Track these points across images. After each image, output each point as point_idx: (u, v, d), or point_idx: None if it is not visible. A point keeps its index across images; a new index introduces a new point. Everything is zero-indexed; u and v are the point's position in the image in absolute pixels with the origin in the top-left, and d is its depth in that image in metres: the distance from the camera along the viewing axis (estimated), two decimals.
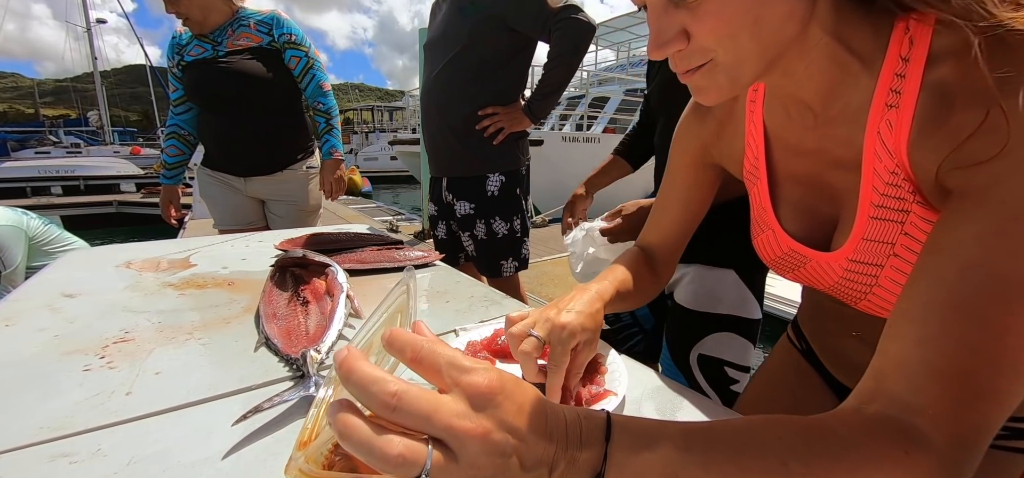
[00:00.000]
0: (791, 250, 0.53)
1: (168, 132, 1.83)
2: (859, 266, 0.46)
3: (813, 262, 0.51)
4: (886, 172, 0.41)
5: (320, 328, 0.69)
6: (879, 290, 0.46)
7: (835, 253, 0.48)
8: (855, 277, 0.47)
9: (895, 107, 0.39)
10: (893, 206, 0.42)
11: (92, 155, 15.57)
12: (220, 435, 0.46)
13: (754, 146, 0.56)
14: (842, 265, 0.48)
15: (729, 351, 0.94)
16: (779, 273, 0.59)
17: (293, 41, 1.71)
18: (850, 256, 0.47)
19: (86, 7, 26.33)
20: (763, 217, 0.56)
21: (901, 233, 0.42)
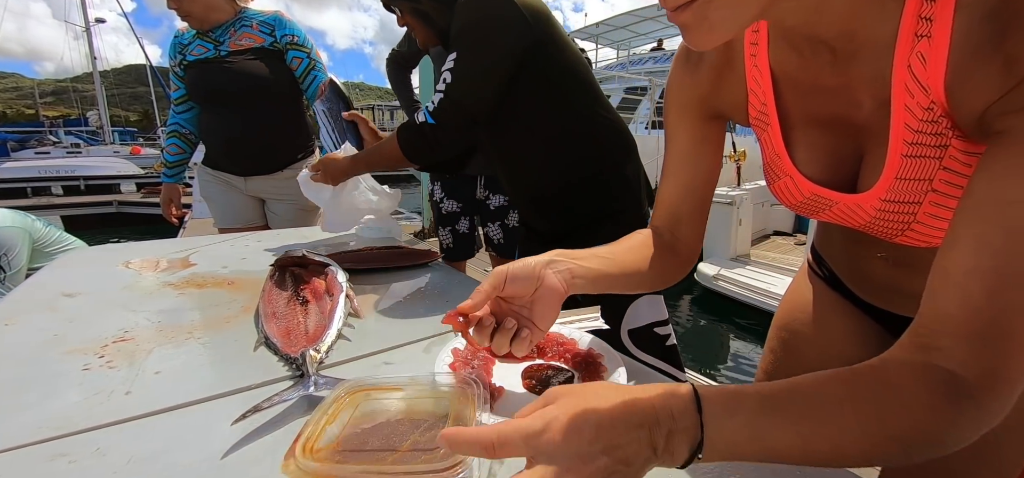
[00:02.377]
0: (813, 195, 0.50)
1: (169, 131, 1.83)
2: (894, 206, 0.43)
3: (841, 205, 0.48)
4: (920, 109, 0.38)
5: (320, 328, 0.69)
6: (917, 226, 0.43)
7: (865, 194, 0.45)
8: (890, 216, 0.44)
9: (927, 37, 0.35)
10: (929, 142, 0.39)
11: (92, 155, 15.56)
12: (220, 435, 0.46)
13: (760, 92, 0.51)
14: (874, 206, 0.45)
15: (649, 313, 0.97)
16: (805, 215, 0.55)
17: (295, 42, 1.72)
18: (883, 196, 0.43)
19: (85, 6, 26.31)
20: (778, 164, 0.51)
21: (940, 168, 0.39)
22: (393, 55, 2.10)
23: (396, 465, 0.38)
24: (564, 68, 0.97)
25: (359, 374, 0.51)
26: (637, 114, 9.98)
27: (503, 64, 0.91)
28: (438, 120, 0.94)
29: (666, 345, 1.01)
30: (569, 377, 0.57)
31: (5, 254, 1.99)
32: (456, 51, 0.91)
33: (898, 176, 0.42)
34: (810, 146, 0.49)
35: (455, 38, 0.92)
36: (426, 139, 0.97)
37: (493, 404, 0.51)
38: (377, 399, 0.47)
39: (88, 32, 25.16)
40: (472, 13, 0.90)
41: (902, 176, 0.41)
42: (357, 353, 0.65)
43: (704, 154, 0.61)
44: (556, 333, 0.66)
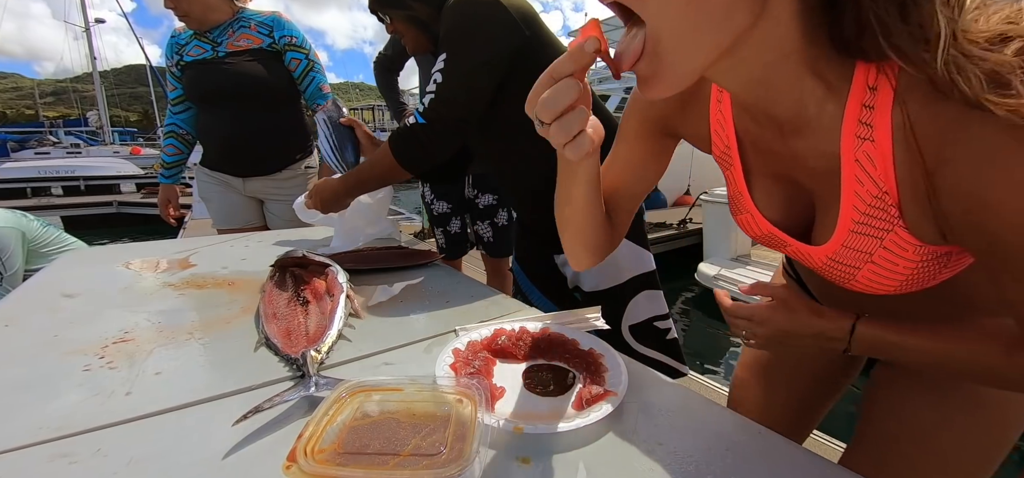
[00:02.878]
0: (770, 233, 0.54)
1: (166, 131, 1.83)
2: (837, 265, 0.48)
3: (793, 247, 0.52)
4: (869, 196, 0.41)
5: (320, 328, 0.69)
6: (861, 278, 0.47)
7: (814, 248, 0.49)
8: (837, 268, 0.49)
9: (870, 141, 0.39)
10: (875, 225, 0.42)
11: (92, 155, 15.56)
12: (220, 435, 0.46)
13: (724, 136, 0.54)
14: (821, 260, 0.49)
15: (650, 308, 0.99)
16: (765, 247, 0.61)
17: (294, 43, 1.71)
18: (829, 255, 0.47)
19: (85, 6, 26.31)
20: (740, 201, 0.55)
21: (880, 247, 0.43)
22: (380, 58, 2.13)
23: (398, 470, 0.38)
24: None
25: (359, 374, 0.51)
26: None
27: (492, 64, 0.91)
28: (429, 120, 0.93)
29: (667, 339, 1.02)
30: (570, 377, 0.57)
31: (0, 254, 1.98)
32: (445, 52, 0.91)
33: (844, 244, 0.46)
34: (768, 193, 0.53)
35: (444, 40, 0.92)
36: (419, 141, 0.96)
37: (493, 405, 0.51)
38: (377, 400, 0.47)
39: (88, 32, 25.16)
40: (460, 15, 0.90)
41: (848, 245, 0.45)
42: (357, 353, 0.65)
43: (652, 166, 0.65)
44: (556, 333, 0.66)
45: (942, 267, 0.45)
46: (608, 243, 0.67)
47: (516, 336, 0.64)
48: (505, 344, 0.63)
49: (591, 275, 1.00)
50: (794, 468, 0.44)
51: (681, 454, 0.45)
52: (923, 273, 0.44)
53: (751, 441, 0.48)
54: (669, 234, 5.77)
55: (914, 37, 0.33)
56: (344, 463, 0.38)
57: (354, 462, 0.39)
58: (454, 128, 0.95)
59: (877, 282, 0.46)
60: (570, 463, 0.44)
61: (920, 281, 0.45)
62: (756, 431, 0.49)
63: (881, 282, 0.46)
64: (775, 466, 0.44)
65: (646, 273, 0.99)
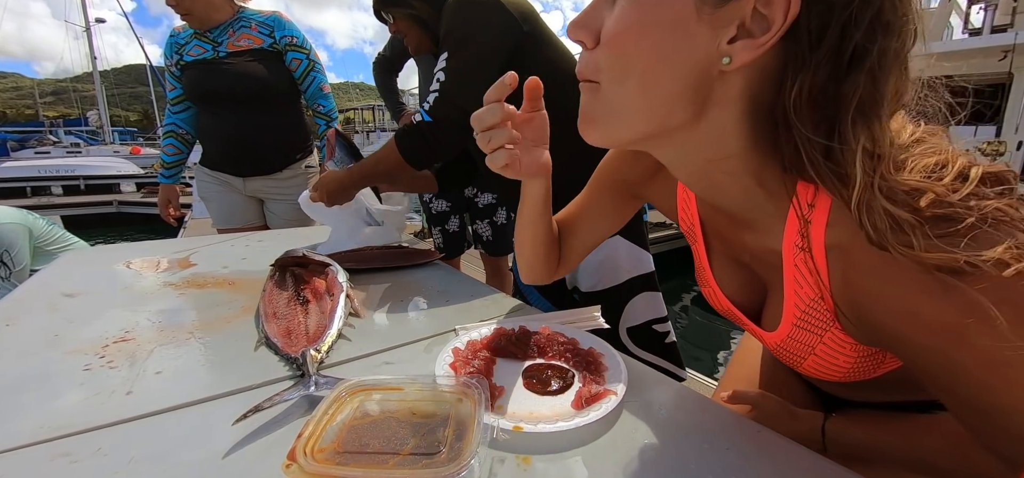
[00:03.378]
0: (729, 310, 0.56)
1: (165, 131, 1.82)
2: (787, 352, 0.50)
3: (750, 328, 0.55)
4: (807, 298, 0.44)
5: (320, 327, 0.69)
6: (808, 366, 0.49)
7: (765, 333, 0.51)
8: (786, 355, 0.51)
9: (806, 251, 0.41)
10: (814, 323, 0.45)
11: (92, 155, 15.56)
12: (220, 435, 0.46)
13: (689, 214, 0.58)
14: (772, 344, 0.51)
15: (648, 310, 0.99)
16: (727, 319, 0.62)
17: (294, 43, 1.72)
18: (778, 343, 0.50)
19: (85, 6, 26.31)
20: (703, 274, 0.59)
21: (820, 342, 0.46)
22: (379, 59, 2.15)
23: (397, 469, 0.38)
24: (555, 66, 0.97)
25: (359, 374, 0.51)
26: None
27: (493, 60, 0.92)
28: (435, 118, 0.94)
29: (665, 342, 1.01)
30: (569, 376, 0.57)
31: (7, 251, 1.99)
32: (446, 52, 0.92)
33: (789, 336, 0.48)
34: (728, 272, 0.56)
35: (445, 39, 0.93)
36: (425, 138, 0.96)
37: (493, 404, 0.51)
38: (377, 399, 0.47)
39: (88, 32, 25.16)
40: (459, 15, 0.92)
41: (793, 337, 0.48)
42: (357, 353, 0.65)
43: (610, 218, 0.69)
44: (556, 333, 0.66)
45: (880, 363, 0.47)
46: (549, 268, 0.71)
47: (516, 335, 0.64)
48: (505, 343, 0.63)
49: (589, 275, 1.00)
50: (794, 467, 0.44)
51: (681, 453, 0.46)
52: (863, 366, 0.47)
53: (751, 441, 0.48)
54: (669, 234, 5.76)
55: (837, 175, 0.35)
56: (344, 462, 0.38)
57: (354, 461, 0.39)
58: (458, 125, 0.95)
59: (824, 370, 0.49)
60: (570, 463, 0.44)
61: (862, 373, 0.48)
62: (756, 430, 0.49)
63: (827, 371, 0.48)
64: (775, 465, 0.44)
65: (645, 274, 0.99)
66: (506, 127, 0.52)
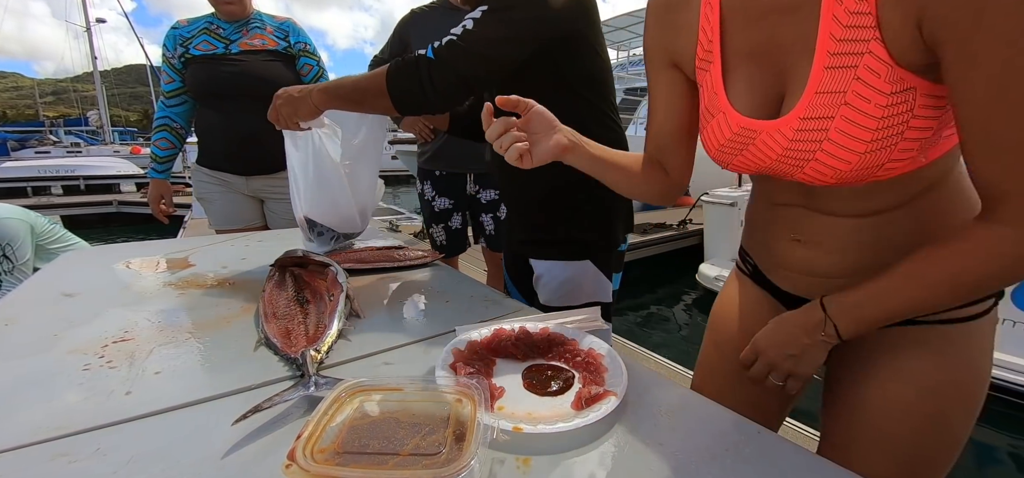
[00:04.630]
0: (741, 129, 0.56)
1: (158, 124, 1.80)
2: (810, 123, 0.49)
3: (762, 135, 0.54)
4: (846, 13, 0.45)
5: (320, 328, 0.69)
6: (828, 146, 0.49)
7: (786, 117, 0.51)
8: (803, 139, 0.50)
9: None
10: (850, 50, 0.46)
11: (92, 155, 15.55)
12: (220, 435, 0.46)
13: (709, 28, 0.59)
14: (793, 127, 0.51)
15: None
16: (722, 161, 0.62)
17: (307, 50, 1.79)
18: (802, 114, 0.50)
19: (85, 6, 26.30)
20: (714, 102, 0.59)
21: (854, 78, 0.46)
22: (375, 61, 2.18)
23: (397, 470, 0.38)
24: (593, 68, 0.91)
25: (359, 374, 0.51)
26: (637, 114, 9.98)
27: (535, 34, 0.82)
28: (439, 58, 0.81)
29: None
30: (569, 377, 0.57)
31: (9, 244, 1.99)
32: (489, 3, 0.81)
33: (818, 90, 0.48)
34: (745, 80, 0.56)
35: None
36: (420, 74, 0.82)
37: (493, 404, 0.51)
38: (377, 399, 0.47)
39: (88, 32, 25.15)
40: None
41: (821, 89, 0.48)
42: (357, 353, 0.65)
43: (672, 96, 0.69)
44: (556, 333, 0.66)
45: (906, 125, 0.46)
46: (659, 190, 0.74)
47: (516, 336, 0.64)
48: (505, 344, 0.63)
49: (551, 289, 0.98)
50: (793, 468, 0.44)
51: (681, 454, 0.46)
52: (889, 130, 0.46)
53: (751, 441, 0.48)
54: (669, 234, 5.77)
55: None
56: (343, 462, 0.38)
57: (353, 462, 0.39)
58: (459, 82, 0.83)
59: (829, 167, 0.50)
60: (569, 463, 0.44)
61: (885, 145, 0.47)
62: (756, 431, 0.49)
63: (846, 147, 0.48)
64: (775, 466, 0.44)
65: (604, 304, 0.96)
66: (511, 131, 0.63)
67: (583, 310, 0.75)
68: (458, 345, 0.63)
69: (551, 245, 0.97)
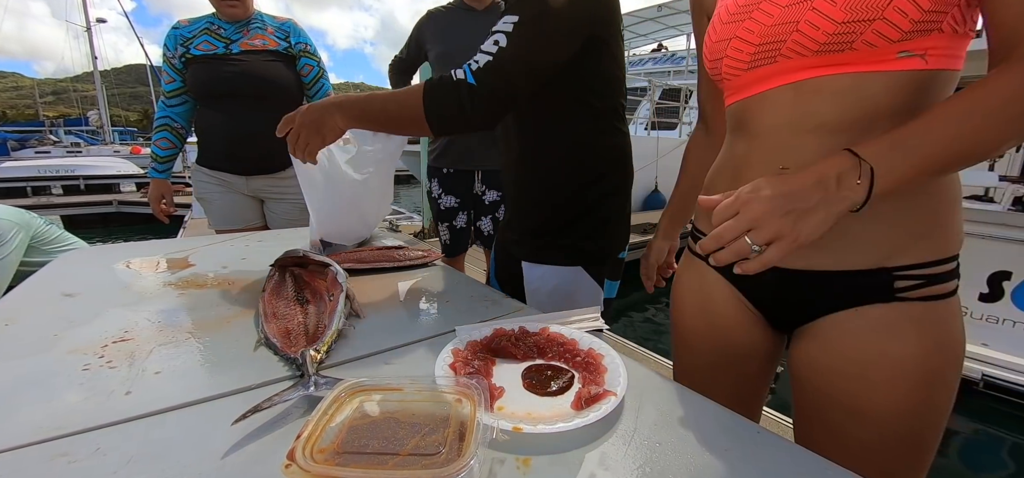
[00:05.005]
0: (747, 1, 0.59)
1: (159, 124, 1.80)
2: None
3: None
4: None
5: (319, 328, 0.69)
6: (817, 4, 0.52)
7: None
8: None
9: None
10: None
11: (92, 155, 15.54)
12: (219, 435, 0.46)
13: None
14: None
15: None
16: (724, 47, 0.63)
17: (308, 50, 1.79)
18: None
19: (86, 6, 26.28)
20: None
21: None
22: (395, 62, 2.18)
23: (397, 470, 0.38)
24: (608, 74, 0.90)
25: (359, 374, 0.51)
26: (637, 114, 9.97)
27: (570, 42, 0.81)
28: (480, 82, 0.77)
29: None
30: (569, 377, 0.57)
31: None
32: (519, 14, 0.78)
33: None
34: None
35: (519, 2, 0.79)
36: (461, 100, 0.77)
37: (493, 404, 0.51)
38: (377, 399, 0.47)
39: (89, 32, 25.14)
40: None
41: None
42: (357, 353, 0.65)
43: None
44: (556, 333, 0.66)
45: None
46: (712, 149, 0.78)
47: (516, 336, 0.64)
48: (505, 344, 0.63)
49: (542, 296, 0.96)
50: (793, 467, 0.44)
51: (681, 454, 0.46)
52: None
53: (751, 441, 0.48)
54: None
55: None
56: (343, 463, 0.38)
57: (353, 462, 0.39)
58: (503, 101, 0.80)
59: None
60: (569, 463, 0.44)
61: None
62: (756, 431, 0.49)
63: None
64: (774, 466, 0.44)
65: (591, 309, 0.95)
66: None
67: (583, 310, 0.75)
68: (458, 345, 0.63)
69: (545, 249, 0.96)
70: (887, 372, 0.55)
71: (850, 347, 0.58)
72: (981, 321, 2.87)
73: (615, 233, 0.98)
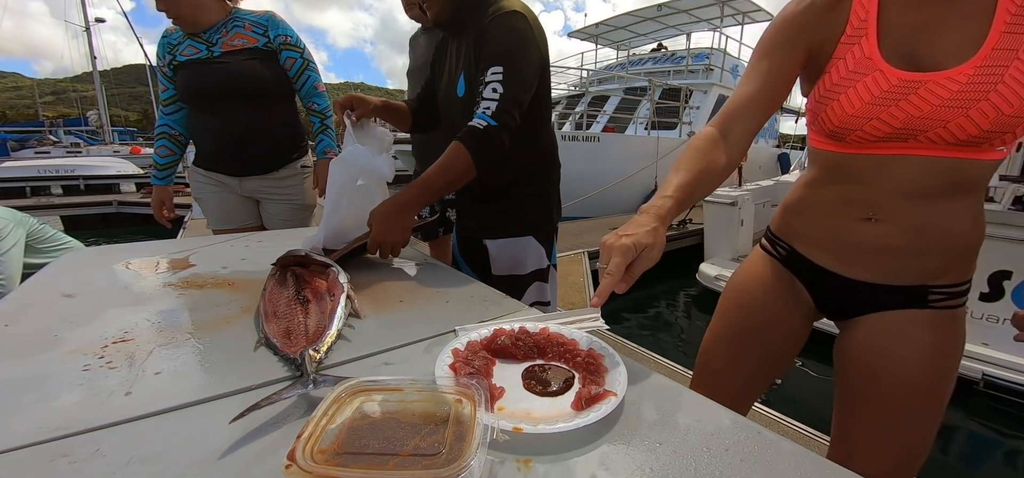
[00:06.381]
0: (900, 82, 0.65)
1: (158, 132, 1.81)
2: (983, 72, 0.60)
3: (927, 85, 0.63)
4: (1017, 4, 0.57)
5: (319, 328, 0.69)
6: (1001, 88, 0.59)
7: (961, 67, 0.61)
8: (976, 83, 0.60)
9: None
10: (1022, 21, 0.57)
11: (92, 155, 15.53)
12: (219, 435, 0.46)
13: (862, 10, 0.68)
14: (967, 74, 0.61)
15: (538, 294, 1.24)
16: (865, 115, 0.68)
17: (288, 42, 1.71)
18: (979, 63, 0.60)
19: (85, 5, 26.23)
20: (864, 65, 0.68)
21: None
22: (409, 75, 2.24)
23: (397, 470, 0.38)
24: (546, 92, 1.20)
25: (359, 375, 0.51)
26: (637, 114, 9.98)
27: (536, 76, 1.10)
28: (500, 122, 1.04)
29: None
30: (569, 377, 0.57)
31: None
32: (502, 65, 1.03)
33: (995, 47, 0.59)
34: (898, 47, 0.66)
35: (498, 55, 1.04)
36: (494, 141, 1.04)
37: (493, 405, 0.51)
38: (377, 399, 0.47)
39: (88, 31, 25.11)
40: (511, 31, 1.06)
41: (998, 46, 0.59)
42: (357, 353, 0.65)
43: (781, 70, 0.77)
44: (556, 333, 0.66)
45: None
46: (722, 173, 0.78)
47: (515, 336, 0.64)
48: (504, 344, 0.63)
49: (504, 263, 1.21)
50: (793, 467, 0.44)
51: (681, 454, 0.46)
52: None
53: (751, 441, 0.48)
54: (669, 234, 5.75)
55: None
56: (344, 463, 0.38)
57: (354, 462, 0.39)
58: (515, 127, 1.07)
59: (1011, 91, 0.58)
60: (569, 464, 0.44)
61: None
62: (756, 431, 0.49)
63: (1014, 91, 0.58)
64: (775, 466, 0.44)
65: (543, 268, 1.24)
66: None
67: (583, 310, 0.75)
68: (458, 345, 0.63)
69: (503, 226, 1.21)
70: (916, 349, 0.75)
71: (896, 335, 0.76)
72: (981, 321, 2.87)
73: (553, 207, 1.27)
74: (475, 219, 1.27)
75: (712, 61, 10.88)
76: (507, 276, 1.22)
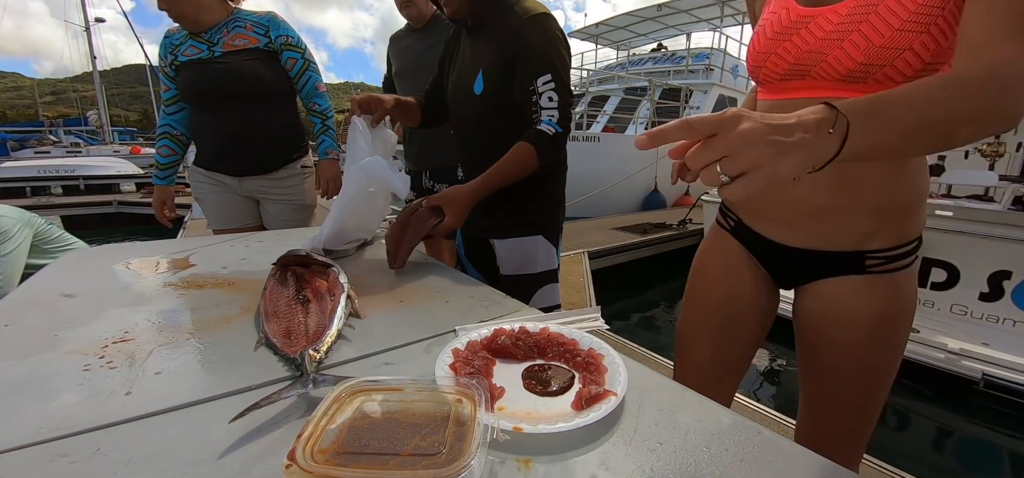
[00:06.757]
0: (798, 17, 0.69)
1: (160, 132, 1.81)
2: (860, 5, 0.63)
3: (816, 20, 0.67)
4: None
5: (320, 328, 0.69)
6: (872, 18, 0.62)
7: (844, 1, 0.64)
8: (851, 16, 0.63)
9: None
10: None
11: (92, 155, 15.53)
12: (220, 435, 0.46)
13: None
14: (847, 8, 0.64)
15: (550, 298, 1.24)
16: (765, 51, 0.73)
17: (289, 43, 1.72)
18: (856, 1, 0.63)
19: (84, 5, 26.22)
20: (778, 3, 0.73)
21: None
22: (384, 80, 2.27)
23: (397, 470, 0.38)
24: None
25: (359, 374, 0.51)
26: (637, 114, 9.98)
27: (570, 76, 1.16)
28: (565, 128, 1.13)
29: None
30: (569, 377, 0.57)
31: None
32: (551, 73, 1.09)
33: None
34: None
35: (544, 61, 1.09)
36: (558, 146, 1.12)
37: (493, 404, 0.51)
38: (377, 399, 0.47)
39: (88, 31, 25.10)
40: (550, 35, 1.09)
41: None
42: (357, 353, 0.65)
43: None
44: (557, 333, 0.66)
45: (932, 22, 0.59)
46: None
47: (516, 336, 0.64)
48: (505, 344, 0.63)
49: (512, 263, 1.22)
50: (793, 467, 0.44)
51: (681, 454, 0.46)
52: (919, 18, 0.59)
53: (751, 441, 0.48)
54: (669, 234, 5.77)
55: None
56: (344, 463, 0.38)
57: (354, 462, 0.39)
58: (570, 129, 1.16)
59: (882, 22, 0.60)
60: (569, 464, 0.44)
61: (913, 29, 0.59)
62: (756, 431, 0.49)
63: (884, 20, 0.60)
64: (775, 466, 0.44)
65: (553, 270, 1.25)
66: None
67: (583, 310, 0.75)
68: (458, 345, 0.63)
69: (512, 227, 1.22)
70: (856, 317, 0.76)
71: (833, 302, 0.78)
72: (981, 320, 2.87)
73: (560, 207, 1.28)
74: (483, 219, 1.25)
75: (712, 61, 10.88)
76: (516, 276, 1.22)
